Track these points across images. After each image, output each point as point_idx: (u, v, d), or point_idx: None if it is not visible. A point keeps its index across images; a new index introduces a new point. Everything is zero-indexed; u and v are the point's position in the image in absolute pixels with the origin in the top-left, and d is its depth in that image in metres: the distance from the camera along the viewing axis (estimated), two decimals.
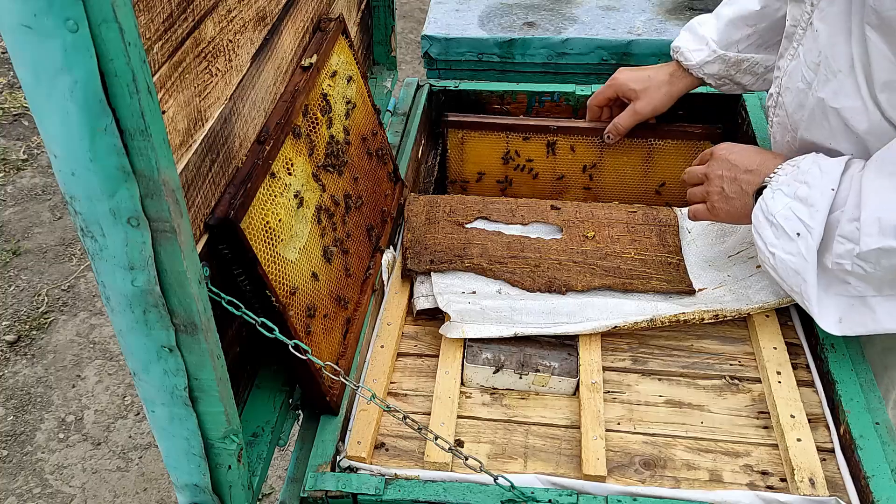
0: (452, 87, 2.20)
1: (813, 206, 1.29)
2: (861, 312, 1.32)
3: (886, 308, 1.30)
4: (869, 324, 1.33)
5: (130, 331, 0.90)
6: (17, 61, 0.70)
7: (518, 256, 1.64)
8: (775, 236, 1.34)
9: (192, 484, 1.08)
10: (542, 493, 1.19)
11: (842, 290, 1.32)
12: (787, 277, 1.35)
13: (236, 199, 1.11)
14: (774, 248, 1.35)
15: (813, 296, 1.33)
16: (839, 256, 1.27)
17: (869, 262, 1.24)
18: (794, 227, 1.31)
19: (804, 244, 1.30)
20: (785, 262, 1.34)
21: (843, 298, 1.33)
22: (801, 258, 1.31)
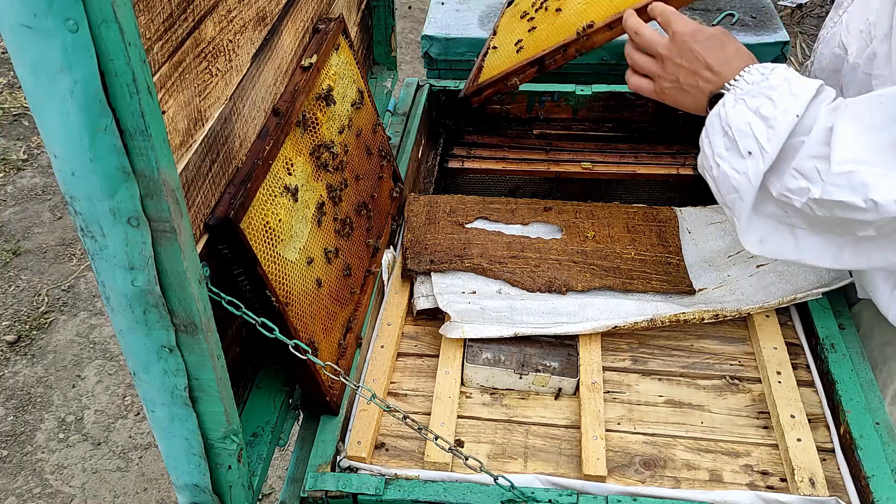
0: (452, 87, 2.20)
1: (773, 129, 1.23)
2: (784, 239, 1.30)
3: (811, 243, 1.28)
4: (788, 252, 1.31)
5: (130, 331, 0.90)
6: (17, 61, 0.70)
7: (518, 256, 1.64)
8: (726, 148, 1.29)
9: (192, 484, 1.08)
10: (542, 493, 1.19)
11: (774, 213, 1.29)
12: (723, 190, 1.31)
13: (236, 199, 1.11)
14: (721, 159, 1.29)
15: (744, 215, 1.30)
16: (790, 191, 1.23)
17: (823, 209, 1.20)
18: (749, 145, 1.25)
19: (753, 166, 1.25)
20: (727, 177, 1.29)
21: (772, 222, 1.30)
22: (745, 179, 1.26)
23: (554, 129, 2.24)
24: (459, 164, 2.20)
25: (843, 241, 1.27)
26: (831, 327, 1.46)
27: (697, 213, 1.78)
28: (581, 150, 2.20)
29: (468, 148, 2.26)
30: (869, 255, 1.26)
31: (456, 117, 2.26)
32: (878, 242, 1.24)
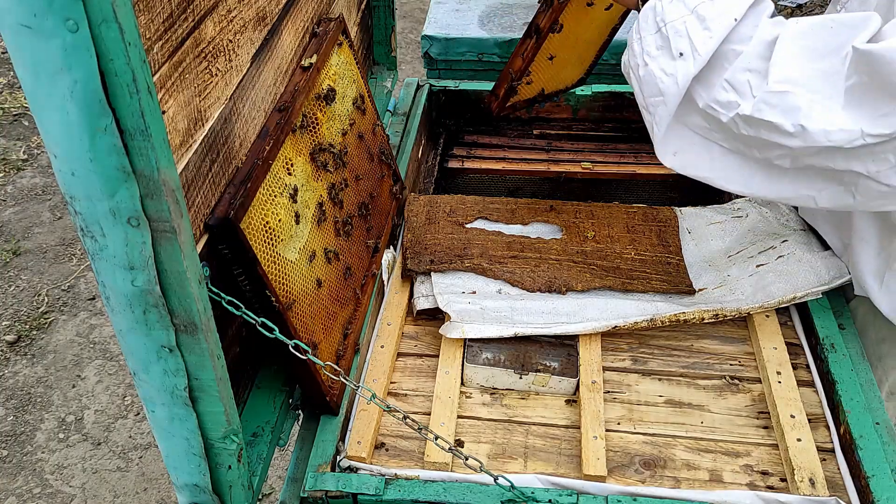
0: (452, 87, 2.20)
1: (708, 31, 1.17)
2: (700, 154, 1.27)
3: (725, 163, 1.25)
4: (701, 168, 1.28)
5: (130, 331, 0.90)
6: (17, 61, 0.70)
7: (518, 256, 1.64)
8: (657, 47, 1.23)
9: (192, 484, 1.08)
10: (542, 493, 1.19)
11: (696, 125, 1.25)
12: (647, 92, 1.26)
13: (236, 199, 1.11)
14: (651, 58, 1.24)
15: (665, 122, 1.25)
16: (718, 103, 1.19)
17: (750, 127, 1.17)
18: (681, 45, 1.20)
19: (683, 68, 1.20)
20: (654, 78, 1.23)
21: (691, 135, 1.26)
22: (673, 81, 1.21)
23: (554, 129, 2.24)
24: (459, 164, 2.20)
25: (756, 167, 1.24)
26: (831, 327, 1.46)
27: (697, 213, 1.78)
28: (581, 150, 2.21)
29: (468, 148, 2.26)
30: (780, 186, 1.24)
31: (456, 117, 2.26)
32: (790, 175, 1.22)
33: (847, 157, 1.14)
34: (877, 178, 1.15)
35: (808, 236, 1.61)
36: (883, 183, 1.16)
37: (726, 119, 1.19)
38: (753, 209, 1.75)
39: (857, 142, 1.11)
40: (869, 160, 1.14)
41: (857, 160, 1.14)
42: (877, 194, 1.18)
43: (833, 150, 1.14)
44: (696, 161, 1.28)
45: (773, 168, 1.22)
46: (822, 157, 1.16)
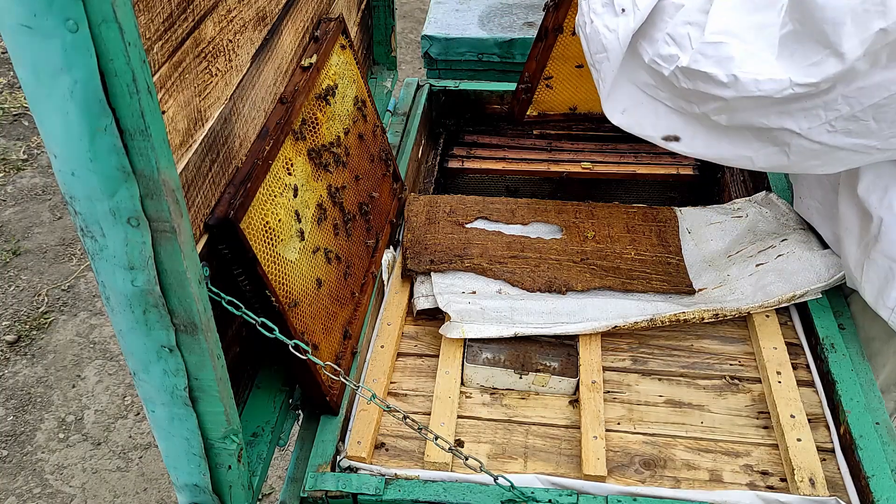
0: (452, 87, 2.20)
1: None
2: (645, 113, 1.31)
3: (669, 121, 1.30)
4: (647, 127, 1.32)
5: (130, 331, 0.90)
6: (17, 61, 0.70)
7: (518, 256, 1.64)
8: (602, 4, 1.29)
9: (192, 484, 1.08)
10: (542, 493, 1.18)
11: (643, 83, 1.29)
12: (593, 49, 1.31)
13: (236, 199, 1.11)
14: (596, 15, 1.29)
15: (609, 78, 1.30)
16: (660, 57, 1.23)
17: (689, 79, 1.21)
18: (623, 2, 1.25)
19: (625, 24, 1.24)
20: (598, 35, 1.28)
21: (638, 92, 1.30)
22: (615, 37, 1.26)
23: (554, 129, 2.24)
24: (459, 164, 2.20)
25: (699, 127, 1.27)
26: (831, 327, 1.46)
27: (697, 213, 1.78)
28: (581, 150, 2.21)
29: (468, 148, 2.26)
30: (719, 146, 1.28)
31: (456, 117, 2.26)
32: (730, 135, 1.26)
33: (780, 112, 1.17)
34: (808, 135, 1.18)
35: (808, 235, 1.61)
36: (815, 140, 1.18)
37: (668, 73, 1.23)
38: (753, 209, 1.75)
39: (786, 91, 1.13)
40: (801, 116, 1.17)
41: (790, 117, 1.17)
42: (809, 153, 1.21)
43: (765, 104, 1.17)
44: (642, 120, 1.32)
45: (714, 128, 1.26)
46: (756, 112, 1.19)
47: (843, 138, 1.18)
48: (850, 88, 1.12)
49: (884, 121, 1.14)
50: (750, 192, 1.89)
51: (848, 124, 1.16)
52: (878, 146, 1.19)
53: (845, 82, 1.11)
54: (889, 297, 1.34)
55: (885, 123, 1.15)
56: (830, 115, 1.15)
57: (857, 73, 1.10)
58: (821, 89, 1.13)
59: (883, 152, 1.20)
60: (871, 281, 1.38)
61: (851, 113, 1.14)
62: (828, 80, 1.11)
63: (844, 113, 1.14)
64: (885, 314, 1.36)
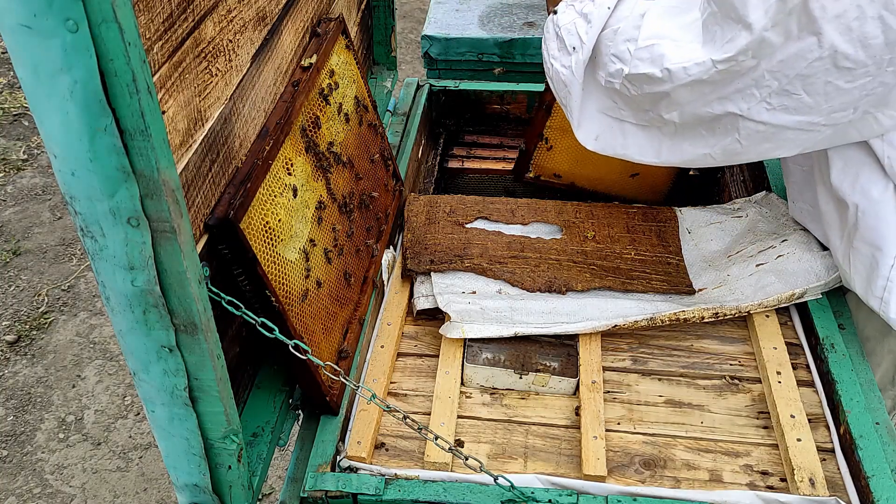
0: (452, 87, 2.20)
1: (590, 23, 1.38)
2: (615, 135, 1.45)
3: (636, 138, 1.43)
4: (618, 147, 1.46)
5: (130, 331, 0.90)
6: (17, 61, 0.70)
7: (518, 256, 1.63)
8: (558, 49, 1.45)
9: (192, 484, 1.08)
10: (542, 493, 1.18)
11: (607, 108, 1.43)
12: (558, 89, 1.47)
13: (236, 198, 1.11)
14: (555, 59, 1.46)
15: (576, 108, 1.45)
16: (610, 76, 1.37)
17: (634, 85, 1.33)
18: (573, 41, 1.41)
19: (576, 59, 1.40)
20: (559, 74, 1.44)
21: (606, 118, 1.44)
22: (570, 73, 1.42)
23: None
24: (459, 164, 2.20)
25: (662, 137, 1.40)
26: (831, 327, 1.46)
27: (697, 213, 1.78)
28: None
29: (468, 148, 2.26)
30: (682, 150, 1.39)
31: (456, 117, 2.26)
32: (689, 138, 1.36)
33: (720, 98, 1.26)
34: (750, 115, 1.26)
35: (808, 235, 1.60)
36: (757, 121, 1.26)
37: (619, 86, 1.37)
38: (753, 209, 1.75)
39: (710, 71, 1.23)
40: (739, 98, 1.24)
41: (730, 101, 1.26)
42: (758, 136, 1.28)
43: (703, 91, 1.26)
44: (613, 142, 1.46)
45: (675, 134, 1.38)
46: (699, 101, 1.29)
47: (784, 115, 1.24)
48: (772, 63, 1.18)
49: (815, 93, 1.20)
50: (750, 192, 1.89)
51: (782, 100, 1.22)
52: (823, 122, 1.24)
53: (767, 57, 1.18)
54: (876, 285, 1.36)
55: (819, 97, 1.20)
56: (763, 92, 1.22)
57: (773, 45, 1.17)
58: (744, 66, 1.20)
59: (831, 128, 1.25)
60: (858, 272, 1.39)
61: (781, 87, 1.21)
62: (743, 54, 1.19)
63: (775, 88, 1.21)
64: (875, 304, 1.37)
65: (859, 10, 1.11)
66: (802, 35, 1.14)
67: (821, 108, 1.21)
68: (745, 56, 1.19)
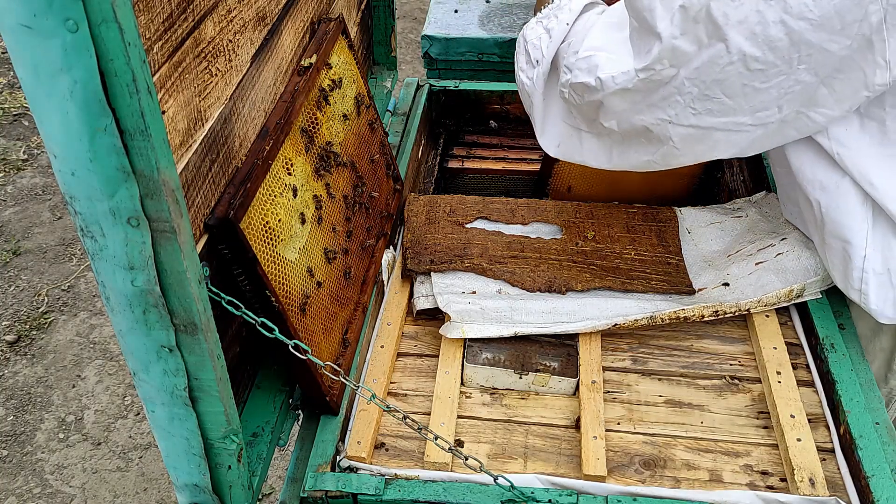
0: (452, 87, 2.20)
1: (551, 38, 1.47)
2: (573, 143, 1.53)
3: (590, 145, 1.50)
4: (576, 155, 1.54)
5: (130, 331, 0.90)
6: (17, 61, 0.70)
7: (518, 256, 1.63)
8: (525, 62, 1.54)
9: (192, 484, 1.08)
10: (542, 493, 1.19)
11: (567, 118, 1.51)
12: (524, 100, 1.57)
13: (236, 198, 1.11)
14: (522, 72, 1.55)
15: (538, 118, 1.55)
16: (562, 84, 1.45)
17: (576, 93, 1.41)
18: (536, 55, 1.50)
19: (537, 71, 1.49)
20: (524, 86, 1.54)
21: (566, 126, 1.52)
22: (532, 84, 1.51)
23: None
24: (459, 164, 2.20)
25: (612, 144, 1.47)
26: (831, 327, 1.46)
27: (697, 213, 1.78)
28: None
29: (468, 148, 2.26)
30: (629, 156, 1.45)
31: (456, 117, 2.26)
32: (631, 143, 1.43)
33: (649, 106, 1.32)
34: (678, 121, 1.31)
35: None
36: (686, 125, 1.31)
37: (567, 94, 1.45)
38: (753, 209, 1.75)
39: (634, 80, 1.29)
40: (666, 105, 1.30)
41: (658, 108, 1.31)
42: (691, 139, 1.33)
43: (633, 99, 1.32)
44: (571, 149, 1.54)
45: (621, 142, 1.44)
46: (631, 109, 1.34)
47: (710, 118, 1.29)
48: (689, 70, 1.24)
49: (735, 95, 1.25)
50: (750, 192, 1.89)
51: (704, 104, 1.27)
52: (749, 122, 1.28)
53: (684, 65, 1.23)
54: (853, 277, 1.38)
55: (738, 98, 1.25)
56: (686, 98, 1.27)
57: (685, 53, 1.23)
58: (663, 74, 1.26)
59: (761, 127, 1.29)
60: (835, 266, 1.42)
61: (701, 92, 1.26)
62: (659, 62, 1.26)
63: (695, 93, 1.26)
64: (855, 297, 1.39)
65: (760, 16, 1.15)
66: (712, 42, 1.20)
67: (743, 109, 1.26)
68: (661, 64, 1.25)
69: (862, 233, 1.34)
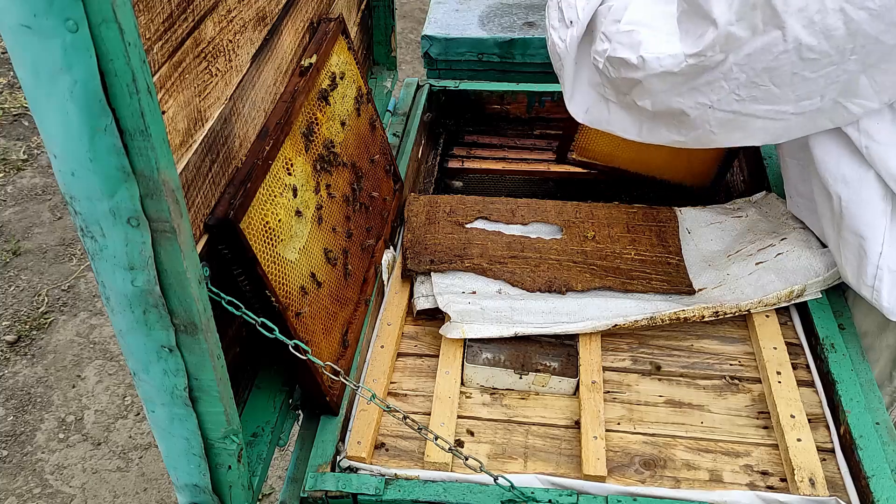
0: (452, 87, 2.20)
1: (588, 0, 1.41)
2: (601, 110, 1.48)
3: (618, 115, 1.46)
4: (604, 123, 1.49)
5: (130, 331, 0.90)
6: (17, 61, 0.70)
7: (518, 256, 1.63)
8: (558, 20, 1.48)
9: (192, 484, 1.08)
10: (542, 493, 1.18)
11: (595, 83, 1.46)
12: (553, 59, 1.51)
13: (236, 199, 1.11)
14: (553, 30, 1.49)
15: (568, 81, 1.48)
16: (597, 53, 1.39)
17: (613, 68, 1.36)
18: (571, 15, 1.43)
19: (571, 33, 1.43)
20: (555, 46, 1.48)
21: (594, 93, 1.47)
22: (565, 46, 1.45)
23: (554, 129, 2.24)
24: (459, 164, 2.20)
25: (642, 118, 1.42)
26: (831, 327, 1.46)
27: (697, 213, 1.78)
28: None
29: (468, 148, 2.26)
30: (660, 133, 1.42)
31: (456, 117, 2.26)
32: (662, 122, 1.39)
33: (690, 89, 1.29)
34: (720, 106, 1.28)
35: (808, 234, 1.60)
36: (727, 111, 1.28)
37: (601, 66, 1.39)
38: (753, 209, 1.75)
39: (682, 64, 1.25)
40: (708, 90, 1.27)
41: (699, 92, 1.28)
42: (730, 125, 1.31)
43: (675, 82, 1.29)
44: (600, 116, 1.49)
45: (654, 119, 1.40)
46: (670, 91, 1.31)
47: (753, 105, 1.27)
48: (740, 56, 1.21)
49: (783, 84, 1.22)
50: (750, 192, 1.89)
51: (750, 91, 1.25)
52: (791, 110, 1.27)
53: (734, 51, 1.21)
54: (867, 274, 1.37)
55: (786, 87, 1.23)
56: (731, 84, 1.25)
57: (739, 39, 1.19)
58: (712, 60, 1.23)
59: (799, 116, 1.28)
60: (849, 262, 1.40)
61: (749, 79, 1.23)
62: (711, 49, 1.21)
63: (742, 80, 1.23)
64: (867, 294, 1.38)
65: (820, 4, 1.14)
66: (768, 29, 1.17)
67: (788, 98, 1.24)
68: (713, 51, 1.22)
69: (880, 229, 1.33)
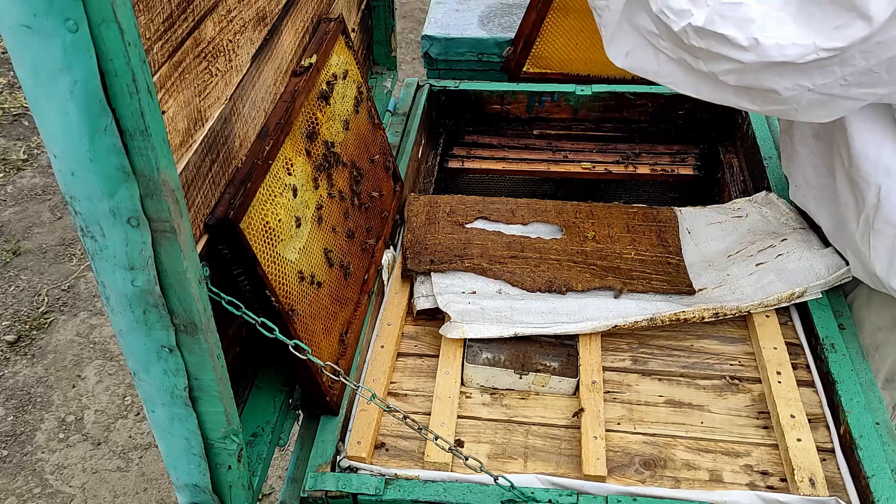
0: (452, 87, 2.20)
1: None
2: (647, 58, 1.30)
3: (671, 69, 1.29)
4: (650, 72, 1.32)
5: (130, 331, 0.90)
6: (17, 61, 0.70)
7: (518, 256, 1.63)
8: None
9: (192, 484, 1.08)
10: (542, 493, 1.18)
11: (644, 29, 1.28)
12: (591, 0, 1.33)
13: (236, 199, 1.11)
14: None
15: (612, 24, 1.31)
16: (671, 10, 1.20)
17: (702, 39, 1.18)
18: None
19: None
20: None
21: (639, 37, 1.30)
22: None
23: (554, 129, 2.24)
24: (459, 164, 2.20)
25: (702, 76, 1.25)
26: (831, 327, 1.46)
27: (697, 213, 1.78)
28: (581, 150, 2.21)
29: (468, 148, 2.26)
30: (725, 97, 1.26)
31: (456, 117, 2.26)
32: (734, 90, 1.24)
33: (796, 71, 1.15)
34: (821, 90, 1.17)
35: (808, 234, 1.61)
36: (826, 94, 1.17)
37: (678, 28, 1.20)
38: (753, 209, 1.75)
39: (810, 56, 1.12)
40: (817, 74, 1.15)
41: (805, 75, 1.15)
42: (818, 105, 1.20)
43: (783, 66, 1.14)
44: (645, 64, 1.31)
45: (717, 81, 1.24)
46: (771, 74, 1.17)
47: (854, 89, 1.16)
48: (868, 44, 1.10)
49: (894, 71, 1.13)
50: (750, 192, 1.89)
51: (860, 77, 1.14)
52: (884, 92, 1.18)
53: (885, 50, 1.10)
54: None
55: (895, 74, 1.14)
56: (846, 70, 1.13)
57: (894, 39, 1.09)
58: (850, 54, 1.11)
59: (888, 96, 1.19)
60: (879, 254, 1.35)
61: (868, 67, 1.12)
62: (860, 45, 1.09)
63: (861, 68, 1.12)
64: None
65: None
66: None
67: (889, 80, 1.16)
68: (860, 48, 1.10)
69: None
